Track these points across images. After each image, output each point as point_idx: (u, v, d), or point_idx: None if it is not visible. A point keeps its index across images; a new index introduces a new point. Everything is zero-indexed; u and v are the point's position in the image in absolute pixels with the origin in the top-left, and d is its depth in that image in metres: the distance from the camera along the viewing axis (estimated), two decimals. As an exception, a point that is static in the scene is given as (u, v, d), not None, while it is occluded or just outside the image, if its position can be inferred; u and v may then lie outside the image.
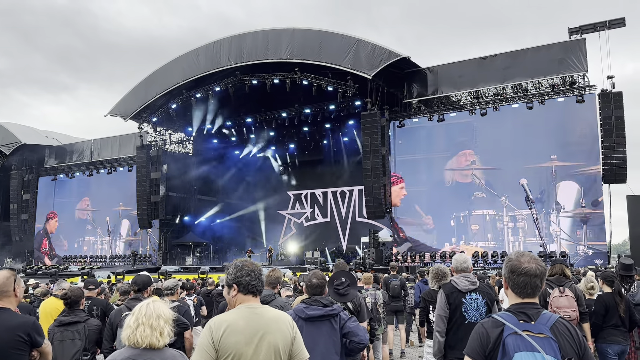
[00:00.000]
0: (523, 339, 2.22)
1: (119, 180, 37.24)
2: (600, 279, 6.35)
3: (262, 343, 2.64)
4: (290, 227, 39.14)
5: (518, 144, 25.14)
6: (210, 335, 2.61)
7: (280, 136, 37.06)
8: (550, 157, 24.41)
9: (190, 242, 36.22)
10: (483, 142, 26.14)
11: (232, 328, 2.63)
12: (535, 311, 2.33)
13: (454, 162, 26.87)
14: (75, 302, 5.17)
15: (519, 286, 2.38)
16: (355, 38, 26.54)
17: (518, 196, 25.07)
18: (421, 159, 27.66)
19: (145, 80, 32.98)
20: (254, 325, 2.67)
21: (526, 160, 24.88)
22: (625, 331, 5.98)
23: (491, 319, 2.37)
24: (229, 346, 2.59)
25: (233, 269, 2.86)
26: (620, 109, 22.27)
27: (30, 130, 43.68)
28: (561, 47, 24.04)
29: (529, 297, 2.38)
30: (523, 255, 2.44)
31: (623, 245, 63.32)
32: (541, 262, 2.43)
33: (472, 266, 4.76)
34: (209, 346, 2.59)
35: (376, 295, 7.82)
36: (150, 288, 5.57)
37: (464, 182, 26.62)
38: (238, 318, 2.68)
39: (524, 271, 2.37)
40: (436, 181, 27.26)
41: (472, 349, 2.35)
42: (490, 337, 2.30)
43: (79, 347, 4.87)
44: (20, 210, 41.00)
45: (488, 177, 26.02)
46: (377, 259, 26.98)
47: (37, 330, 3.60)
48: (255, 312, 2.74)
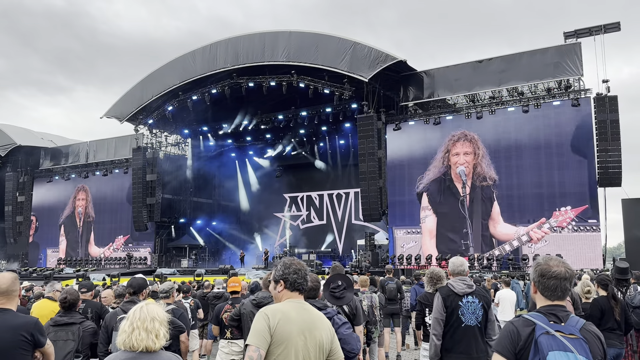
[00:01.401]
0: (556, 339, 2.27)
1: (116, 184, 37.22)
2: (595, 282, 6.36)
3: (311, 336, 2.73)
4: (286, 229, 39.10)
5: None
6: (267, 321, 2.68)
7: (277, 139, 37.05)
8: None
9: (185, 245, 36.14)
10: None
11: (287, 317, 2.71)
12: (564, 314, 2.39)
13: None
14: (73, 305, 5.15)
15: (549, 289, 2.44)
16: (352, 41, 26.60)
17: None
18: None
19: (141, 83, 32.93)
20: (305, 318, 2.77)
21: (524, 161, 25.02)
22: (621, 334, 5.99)
23: (522, 318, 2.43)
24: (284, 334, 2.67)
25: (281, 266, 2.96)
26: (615, 113, 22.39)
27: (25, 132, 43.55)
28: (556, 51, 24.15)
29: (559, 300, 2.44)
30: (551, 259, 2.51)
31: (618, 248, 63.50)
32: (569, 265, 2.50)
33: (468, 269, 4.76)
34: (266, 331, 2.65)
35: (372, 298, 7.80)
36: (145, 291, 5.54)
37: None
38: (290, 309, 2.78)
39: (554, 274, 2.43)
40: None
41: (502, 346, 2.40)
42: (521, 335, 2.35)
43: (72, 348, 4.84)
44: (15, 212, 40.85)
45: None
46: (373, 262, 26.98)
47: (40, 331, 3.61)
48: (304, 308, 2.84)
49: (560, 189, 24.19)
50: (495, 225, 25.71)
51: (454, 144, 26.91)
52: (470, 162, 26.55)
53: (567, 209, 23.83)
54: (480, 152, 26.31)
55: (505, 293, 10.75)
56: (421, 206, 27.77)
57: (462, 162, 26.65)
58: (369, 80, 25.74)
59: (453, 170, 26.95)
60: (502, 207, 25.47)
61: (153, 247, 35.23)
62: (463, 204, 26.50)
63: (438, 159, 27.31)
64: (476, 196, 26.24)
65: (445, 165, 27.10)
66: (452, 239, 26.36)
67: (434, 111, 27.55)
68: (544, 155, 24.64)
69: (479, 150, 26.31)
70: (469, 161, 26.57)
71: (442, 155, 27.21)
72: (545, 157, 24.61)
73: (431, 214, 27.43)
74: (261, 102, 31.94)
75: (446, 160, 27.09)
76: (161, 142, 36.53)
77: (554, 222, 24.09)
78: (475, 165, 26.37)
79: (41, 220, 41.40)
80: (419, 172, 27.61)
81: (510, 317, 10.38)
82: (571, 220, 23.75)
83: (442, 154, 27.20)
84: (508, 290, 10.99)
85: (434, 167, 27.38)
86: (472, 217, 26.13)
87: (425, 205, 27.74)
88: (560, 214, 23.98)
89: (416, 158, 27.74)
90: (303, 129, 34.68)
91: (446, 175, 27.02)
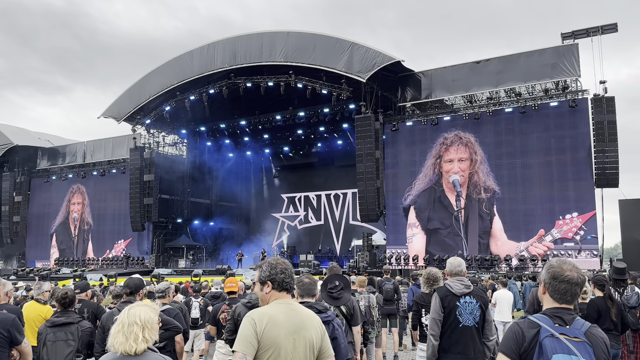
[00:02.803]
0: (560, 342, 2.30)
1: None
2: (592, 282, 6.37)
3: (299, 338, 2.70)
4: (284, 229, 39.08)
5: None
6: (254, 327, 2.65)
7: (275, 139, 37.02)
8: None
9: (183, 245, 36.07)
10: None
11: (274, 321, 2.68)
12: (570, 317, 2.42)
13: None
14: (72, 302, 5.17)
15: (559, 292, 2.46)
16: (350, 41, 26.59)
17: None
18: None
19: (139, 82, 32.89)
20: (292, 320, 2.73)
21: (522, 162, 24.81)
22: (618, 335, 6.00)
23: (527, 319, 2.46)
24: (271, 339, 2.64)
25: (267, 267, 2.90)
26: (612, 114, 22.41)
27: (22, 132, 43.43)
28: (554, 51, 24.17)
29: (566, 304, 2.47)
30: (565, 262, 2.52)
31: (615, 249, 63.66)
32: (581, 271, 2.52)
33: (466, 270, 4.75)
34: (253, 337, 2.63)
35: (370, 298, 7.79)
36: (142, 291, 5.53)
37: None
38: (278, 312, 2.74)
39: (566, 279, 2.45)
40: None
41: (507, 347, 2.43)
42: (526, 336, 2.39)
43: (73, 348, 4.84)
44: (12, 212, 40.73)
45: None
46: (371, 262, 26.97)
47: (17, 328, 3.59)
48: (292, 308, 2.80)
49: (562, 192, 22.96)
50: (497, 243, 23.65)
51: (446, 149, 25.40)
52: (466, 170, 24.69)
53: (573, 216, 22.71)
54: (478, 158, 24.62)
55: (503, 294, 10.76)
56: (408, 223, 26.03)
57: (456, 170, 24.73)
58: (366, 81, 25.74)
59: (445, 179, 24.81)
60: (504, 222, 23.59)
61: (150, 247, 35.15)
62: (457, 219, 24.41)
63: (428, 165, 25.57)
64: (472, 209, 24.06)
65: (437, 173, 25.20)
66: (443, 262, 23.18)
67: (432, 112, 27.57)
68: (553, 161, 23.70)
69: (476, 155, 24.74)
70: (463, 169, 24.68)
71: (432, 161, 25.49)
72: (555, 165, 23.70)
73: (419, 232, 25.35)
74: (259, 102, 31.92)
75: (437, 168, 25.28)
76: (159, 142, 36.47)
77: (557, 232, 22.65)
78: (471, 173, 24.61)
79: (29, 229, 40.69)
80: (408, 181, 26.03)
81: (508, 317, 10.40)
82: (578, 229, 22.40)
83: (433, 160, 25.49)
84: (505, 290, 11.01)
85: (423, 176, 25.47)
86: (467, 235, 23.94)
87: (412, 222, 25.80)
88: (565, 223, 22.66)
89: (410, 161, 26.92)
90: (301, 129, 34.68)
91: (437, 185, 25.06)
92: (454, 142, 25.53)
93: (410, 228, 26.22)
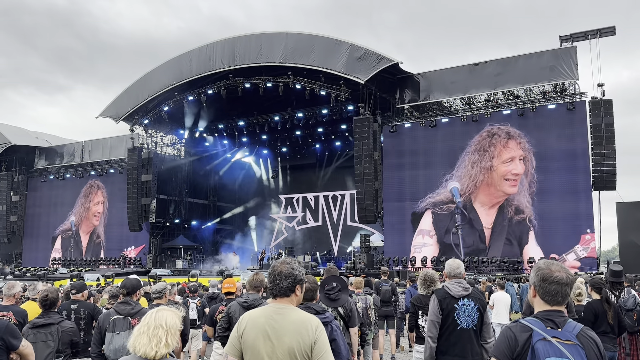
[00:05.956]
0: (552, 345, 2.31)
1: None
2: (589, 285, 6.38)
3: (279, 343, 2.65)
4: (281, 230, 39.06)
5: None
6: (237, 329, 2.76)
7: (273, 140, 37.02)
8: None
9: (180, 245, 36.03)
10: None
11: (253, 324, 2.72)
12: (562, 319, 2.42)
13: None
14: (53, 304, 5.14)
15: (549, 294, 2.47)
16: (348, 43, 26.59)
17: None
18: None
19: (137, 82, 32.83)
20: (273, 324, 2.70)
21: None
22: (614, 338, 6.01)
23: (519, 323, 2.46)
24: (249, 340, 2.69)
25: (268, 274, 2.96)
26: (610, 117, 22.47)
27: (20, 131, 43.30)
28: (552, 54, 24.21)
29: (557, 305, 2.47)
30: (553, 264, 2.53)
31: (612, 252, 63.68)
32: (570, 271, 2.53)
33: (464, 272, 4.76)
34: (235, 338, 2.74)
35: (367, 299, 7.80)
36: (139, 291, 5.52)
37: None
38: (260, 315, 2.75)
39: (555, 280, 2.45)
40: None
41: (499, 352, 2.44)
42: (518, 341, 2.39)
43: (52, 349, 4.84)
44: (9, 211, 40.62)
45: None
46: (368, 264, 26.96)
47: (12, 334, 3.55)
48: (279, 312, 2.75)
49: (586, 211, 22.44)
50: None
51: (504, 146, 23.98)
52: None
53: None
54: (528, 164, 23.34)
55: (500, 296, 10.77)
56: (418, 229, 25.30)
57: (514, 174, 22.99)
58: (365, 82, 25.74)
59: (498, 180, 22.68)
60: (538, 241, 22.60)
61: (148, 247, 35.09)
62: (482, 237, 23.19)
63: (466, 166, 24.37)
64: (500, 228, 22.77)
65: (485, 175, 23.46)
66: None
67: (430, 114, 27.60)
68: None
69: (528, 161, 23.49)
70: (519, 172, 22.87)
71: (473, 158, 24.33)
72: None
73: (433, 244, 24.47)
74: (257, 103, 31.90)
75: (484, 171, 23.75)
76: (157, 142, 36.42)
77: (582, 250, 21.87)
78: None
79: (26, 229, 40.30)
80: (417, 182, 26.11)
81: (505, 319, 10.40)
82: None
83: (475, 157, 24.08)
84: (503, 292, 11.01)
85: (456, 178, 24.44)
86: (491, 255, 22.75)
87: (425, 229, 25.06)
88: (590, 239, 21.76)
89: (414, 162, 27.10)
90: (299, 130, 34.68)
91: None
92: (509, 136, 24.22)
93: (421, 235, 25.53)
